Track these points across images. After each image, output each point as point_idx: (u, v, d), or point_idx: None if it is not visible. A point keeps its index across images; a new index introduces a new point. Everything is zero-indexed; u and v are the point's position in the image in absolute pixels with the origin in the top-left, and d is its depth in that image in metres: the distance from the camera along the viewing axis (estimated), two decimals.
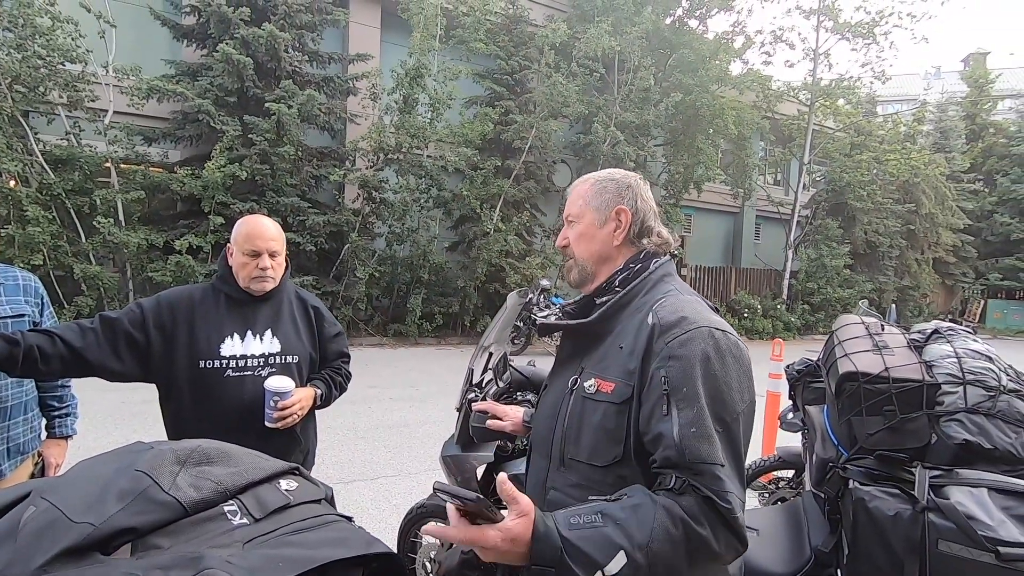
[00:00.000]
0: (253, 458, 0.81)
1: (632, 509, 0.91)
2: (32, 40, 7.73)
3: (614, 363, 1.08)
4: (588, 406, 1.09)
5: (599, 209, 1.22)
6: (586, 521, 0.91)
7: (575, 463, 1.09)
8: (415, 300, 10.35)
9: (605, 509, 0.93)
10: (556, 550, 0.88)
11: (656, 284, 1.16)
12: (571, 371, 1.18)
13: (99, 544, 0.62)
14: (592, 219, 1.22)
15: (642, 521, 0.89)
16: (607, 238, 1.21)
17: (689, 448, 0.93)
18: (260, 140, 8.92)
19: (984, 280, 21.39)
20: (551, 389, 1.25)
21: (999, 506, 1.26)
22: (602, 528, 0.90)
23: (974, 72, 24.24)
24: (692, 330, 1.01)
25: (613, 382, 1.06)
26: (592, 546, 0.88)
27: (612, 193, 1.22)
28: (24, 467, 1.86)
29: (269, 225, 1.82)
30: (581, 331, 1.20)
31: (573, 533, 0.89)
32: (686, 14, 14.03)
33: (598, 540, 0.89)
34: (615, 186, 1.23)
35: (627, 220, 1.21)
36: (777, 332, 14.39)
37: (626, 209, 1.21)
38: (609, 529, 0.89)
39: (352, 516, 0.87)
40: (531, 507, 0.93)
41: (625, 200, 1.22)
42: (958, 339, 1.62)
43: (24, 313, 1.78)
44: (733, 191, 15.86)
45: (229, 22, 8.91)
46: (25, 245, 7.52)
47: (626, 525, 0.89)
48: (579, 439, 1.09)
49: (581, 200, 1.24)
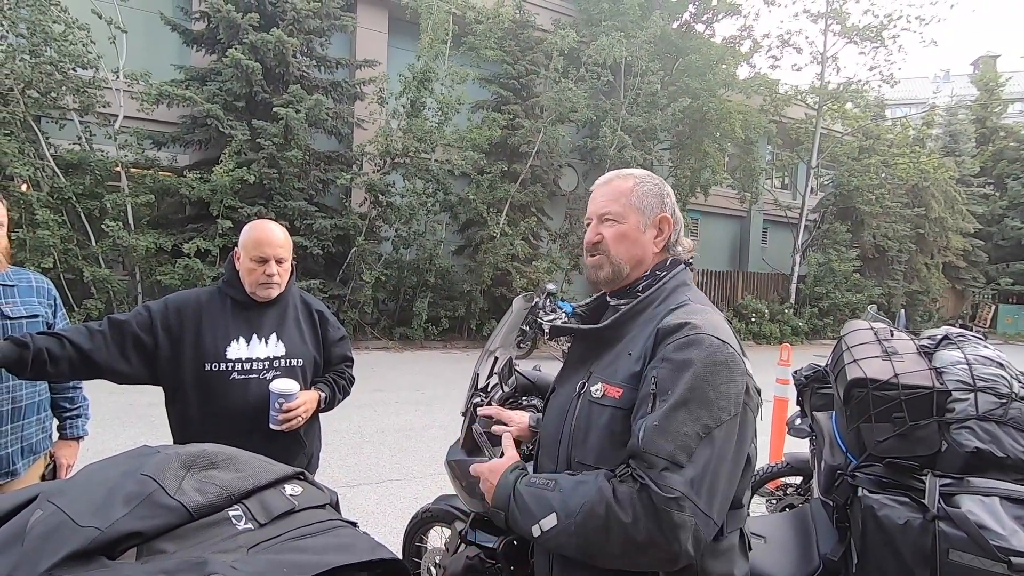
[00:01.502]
0: (258, 463, 0.81)
1: (577, 483, 1.02)
2: (45, 46, 7.83)
3: (622, 369, 1.09)
4: (595, 410, 1.09)
5: (644, 212, 1.20)
6: (540, 483, 1.07)
7: (582, 466, 1.09)
8: (421, 304, 10.37)
9: (559, 479, 1.05)
10: (507, 496, 1.09)
11: (671, 293, 1.15)
12: (580, 375, 1.18)
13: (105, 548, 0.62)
14: (637, 222, 1.20)
15: (580, 495, 0.99)
16: (648, 244, 1.20)
17: (648, 440, 0.95)
18: (268, 144, 8.99)
19: (995, 285, 21.20)
20: (559, 392, 1.25)
21: (1011, 515, 1.24)
22: (548, 492, 1.04)
23: (984, 75, 24.09)
24: (692, 336, 1.01)
25: (620, 388, 1.07)
26: (535, 502, 1.04)
27: (655, 198, 1.21)
28: (37, 467, 1.88)
29: (276, 231, 1.82)
30: (592, 336, 1.19)
31: (526, 489, 1.08)
32: (693, 18, 14.04)
33: (541, 499, 1.04)
34: (658, 191, 1.22)
35: (669, 229, 1.20)
36: (785, 337, 14.31)
37: (669, 218, 1.21)
38: (553, 494, 1.03)
39: (357, 521, 0.87)
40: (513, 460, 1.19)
41: (667, 208, 1.21)
42: (968, 345, 1.60)
43: (38, 314, 1.81)
44: (740, 195, 15.81)
45: (238, 27, 8.99)
46: (36, 248, 7.60)
47: (566, 495, 1.01)
48: (586, 442, 1.09)
49: (624, 199, 1.21)
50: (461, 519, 2.08)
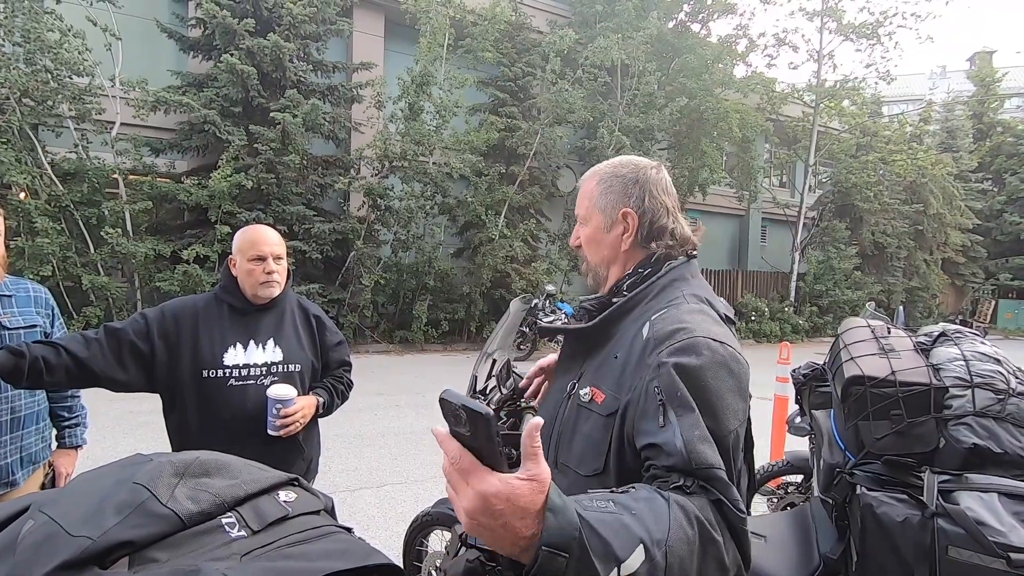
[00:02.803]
0: (252, 469, 0.80)
1: (646, 502, 0.76)
2: (41, 54, 7.84)
3: (608, 373, 1.04)
4: (582, 414, 1.06)
5: (605, 211, 1.14)
6: (600, 506, 0.73)
7: (566, 468, 1.06)
8: (421, 307, 10.38)
9: (616, 498, 0.76)
10: (574, 530, 0.67)
11: (663, 290, 1.08)
12: (571, 375, 1.15)
13: (97, 558, 0.62)
14: (599, 222, 1.15)
15: (658, 515, 0.74)
16: (615, 242, 1.14)
17: (695, 452, 0.82)
18: (265, 149, 8.99)
19: (994, 280, 21.20)
20: (553, 390, 1.23)
21: (1010, 511, 1.23)
22: (619, 515, 0.72)
23: (980, 71, 24.13)
24: (687, 340, 0.95)
25: (604, 394, 1.02)
26: (611, 533, 0.69)
27: (617, 193, 1.14)
28: (36, 476, 1.88)
29: (269, 231, 1.85)
30: (583, 335, 1.15)
31: (591, 515, 0.71)
32: (688, 18, 14.05)
33: (616, 528, 0.70)
34: (620, 184, 1.14)
35: (634, 223, 1.12)
36: (785, 335, 14.31)
37: (632, 211, 1.12)
38: (627, 518, 0.72)
39: (352, 527, 0.86)
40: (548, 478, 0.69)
41: (631, 200, 1.13)
42: (965, 341, 1.60)
43: (36, 323, 1.81)
44: (738, 194, 15.82)
45: (234, 33, 9.00)
46: (34, 256, 7.60)
47: (642, 516, 0.73)
48: (571, 445, 1.06)
49: (588, 200, 1.17)
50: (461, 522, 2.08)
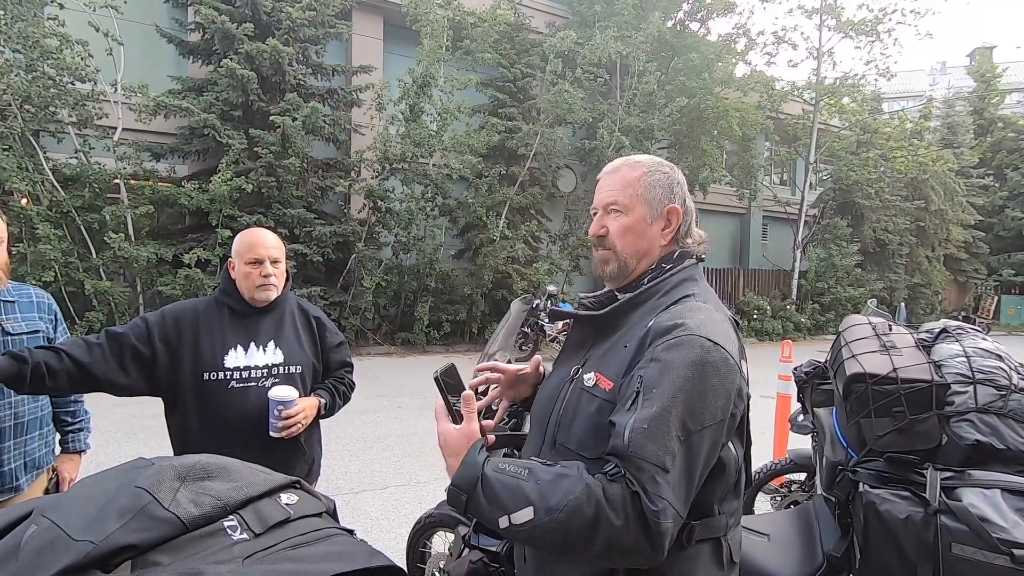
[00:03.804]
0: (253, 472, 0.81)
1: (559, 476, 0.93)
2: (42, 60, 7.86)
3: (616, 361, 1.06)
4: (584, 398, 1.07)
5: (651, 204, 1.14)
6: (512, 470, 0.96)
7: (565, 449, 1.08)
8: (422, 308, 10.38)
9: (534, 467, 0.96)
10: (474, 480, 0.95)
11: (675, 287, 1.11)
12: (576, 360, 1.16)
13: (99, 562, 0.62)
14: (643, 213, 1.14)
15: (563, 490, 0.91)
16: (655, 236, 1.15)
17: (635, 442, 0.91)
18: (266, 153, 9.01)
19: (997, 276, 21.15)
20: (555, 373, 1.23)
21: (1013, 507, 1.23)
22: (523, 482, 0.94)
23: (980, 66, 24.08)
24: (683, 336, 0.98)
25: (612, 381, 1.04)
26: (507, 492, 0.93)
27: (664, 187, 1.15)
28: (39, 481, 1.89)
29: (268, 234, 1.86)
30: (590, 322, 1.17)
31: (495, 475, 0.95)
32: (687, 17, 14.05)
33: (514, 489, 0.93)
34: (667, 180, 1.16)
35: (677, 221, 1.15)
36: (787, 333, 14.29)
37: (678, 208, 1.15)
38: (529, 485, 0.93)
39: (355, 529, 0.87)
40: (475, 435, 1.04)
41: (676, 198, 1.15)
42: (967, 338, 1.60)
43: (39, 329, 1.82)
44: (739, 192, 15.80)
45: (233, 38, 9.02)
46: (36, 263, 7.62)
47: (544, 488, 0.92)
48: (571, 428, 1.07)
49: (631, 189, 1.15)
50: (464, 523, 2.08)
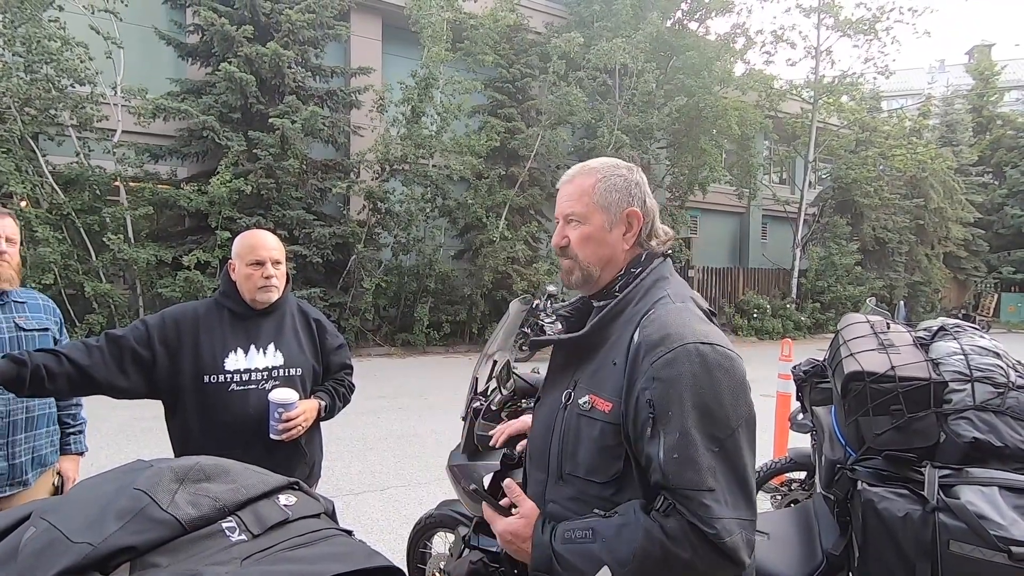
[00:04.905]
0: (252, 474, 0.81)
1: (619, 528, 0.97)
2: (42, 63, 7.86)
3: (608, 380, 1.05)
4: (584, 423, 1.05)
5: (608, 210, 1.12)
6: (578, 536, 1.01)
7: (573, 478, 1.07)
8: (422, 309, 10.38)
9: (596, 526, 1.00)
10: (548, 560, 1.02)
11: (648, 291, 1.10)
12: (564, 384, 1.14)
13: (98, 564, 0.62)
14: (601, 221, 1.12)
15: (627, 540, 0.95)
16: (616, 242, 1.13)
17: (673, 475, 0.93)
18: (265, 155, 9.01)
19: (997, 274, 21.15)
20: (544, 402, 1.21)
21: (1011, 505, 1.24)
22: (590, 544, 0.98)
23: (979, 64, 24.07)
24: (676, 348, 0.97)
25: (610, 402, 1.03)
26: (580, 559, 0.98)
27: (621, 191, 1.13)
28: (45, 479, 1.93)
29: (268, 236, 1.86)
30: (572, 344, 1.14)
31: (564, 547, 1.01)
32: (685, 16, 14.05)
33: (586, 555, 0.98)
34: (623, 183, 1.14)
35: (639, 223, 1.13)
36: (787, 331, 14.29)
37: (638, 212, 1.13)
38: (597, 545, 0.97)
39: (355, 530, 0.87)
40: (534, 512, 1.11)
41: (635, 200, 1.14)
42: (964, 336, 1.60)
43: (48, 327, 1.91)
44: (738, 191, 15.80)
45: (232, 40, 9.02)
46: (36, 265, 7.62)
47: (611, 544, 0.96)
48: (576, 455, 1.06)
49: (587, 197, 1.13)
50: (464, 524, 2.08)
